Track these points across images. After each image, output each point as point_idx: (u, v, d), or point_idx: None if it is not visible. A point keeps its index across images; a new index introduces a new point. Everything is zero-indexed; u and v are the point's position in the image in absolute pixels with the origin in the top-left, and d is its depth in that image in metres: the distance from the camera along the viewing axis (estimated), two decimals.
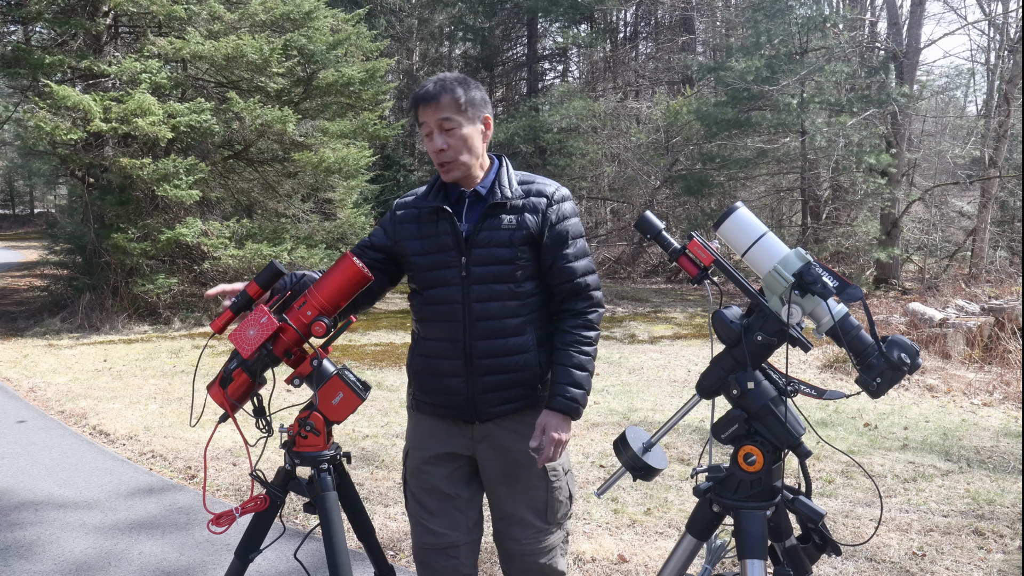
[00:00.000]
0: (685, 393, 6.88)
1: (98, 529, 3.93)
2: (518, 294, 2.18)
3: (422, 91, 2.17)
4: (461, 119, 2.14)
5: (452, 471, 2.25)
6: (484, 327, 2.16)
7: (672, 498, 4.27)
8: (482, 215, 2.16)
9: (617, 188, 19.86)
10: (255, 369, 2.08)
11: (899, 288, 14.28)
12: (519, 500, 2.24)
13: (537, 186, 2.23)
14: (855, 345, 1.81)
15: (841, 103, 14.32)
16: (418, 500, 2.27)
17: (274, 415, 2.17)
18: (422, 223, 2.23)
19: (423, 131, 2.19)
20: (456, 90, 2.15)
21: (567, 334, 2.20)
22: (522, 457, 2.21)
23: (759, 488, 1.85)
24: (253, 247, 10.18)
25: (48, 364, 8.26)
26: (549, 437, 2.12)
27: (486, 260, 2.15)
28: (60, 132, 9.30)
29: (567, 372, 2.17)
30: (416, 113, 2.19)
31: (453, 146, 2.14)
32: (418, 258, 2.22)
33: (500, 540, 2.30)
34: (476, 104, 2.18)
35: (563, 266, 2.20)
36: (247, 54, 9.89)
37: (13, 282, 16.07)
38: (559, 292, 2.23)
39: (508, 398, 2.20)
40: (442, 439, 2.25)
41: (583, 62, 25.06)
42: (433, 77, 2.20)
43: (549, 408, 2.16)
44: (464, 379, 2.18)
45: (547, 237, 2.18)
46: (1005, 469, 4.80)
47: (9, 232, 34.33)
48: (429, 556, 2.26)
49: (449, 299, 2.18)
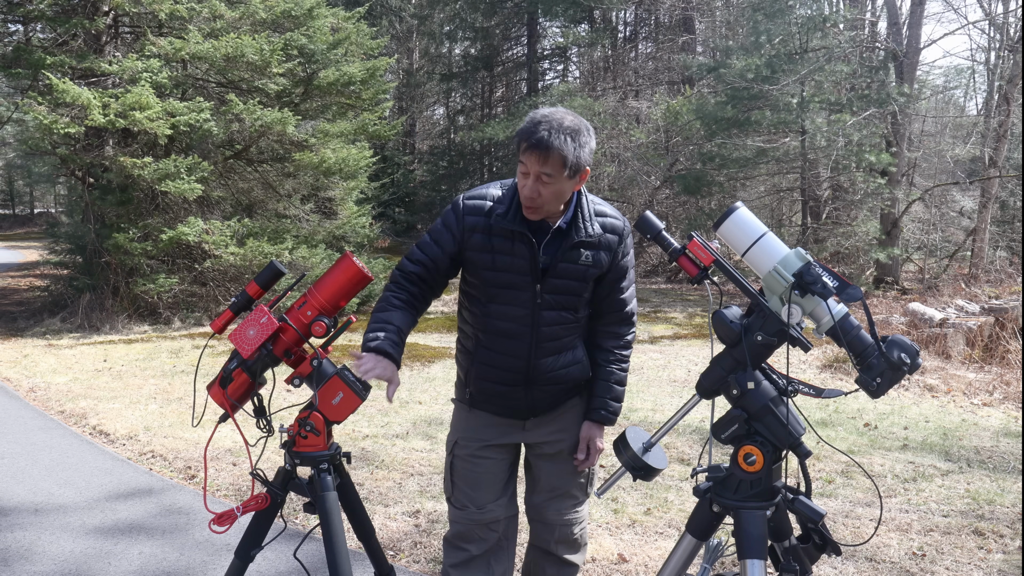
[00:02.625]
0: (685, 393, 6.88)
1: (98, 529, 3.93)
2: (578, 319, 2.35)
3: (536, 136, 2.06)
4: (559, 175, 2.10)
5: (501, 456, 2.41)
6: (548, 347, 2.30)
7: (672, 498, 4.27)
8: (564, 248, 2.23)
9: (617, 188, 19.85)
10: (255, 369, 2.09)
11: (899, 288, 14.27)
12: (566, 474, 2.43)
13: (610, 221, 2.30)
14: (855, 345, 1.81)
15: (841, 102, 14.32)
16: (468, 483, 2.39)
17: (274, 415, 2.17)
18: (494, 237, 2.23)
19: (521, 168, 2.13)
20: (567, 147, 2.06)
21: (611, 353, 2.40)
22: (569, 436, 2.42)
23: (759, 488, 1.85)
24: (255, 245, 10.17)
25: (48, 364, 8.26)
26: (594, 446, 2.40)
27: (559, 290, 2.26)
28: (59, 127, 9.28)
29: (609, 387, 2.39)
30: (520, 147, 2.12)
31: (545, 196, 2.13)
32: (489, 273, 2.25)
33: (540, 513, 2.47)
34: (581, 164, 2.12)
35: (618, 297, 2.37)
36: (247, 54, 9.88)
37: (13, 282, 16.06)
38: (609, 317, 2.40)
39: (560, 399, 2.40)
40: (497, 431, 2.40)
41: (583, 62, 25.05)
42: (548, 117, 2.08)
43: (592, 420, 2.40)
44: (523, 388, 2.32)
45: (612, 271, 2.32)
46: (1005, 469, 4.80)
47: (9, 232, 34.32)
48: (473, 531, 2.38)
49: (519, 319, 2.27)
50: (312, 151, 11.09)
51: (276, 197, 12.08)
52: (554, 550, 2.48)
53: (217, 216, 11.27)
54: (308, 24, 10.81)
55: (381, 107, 12.96)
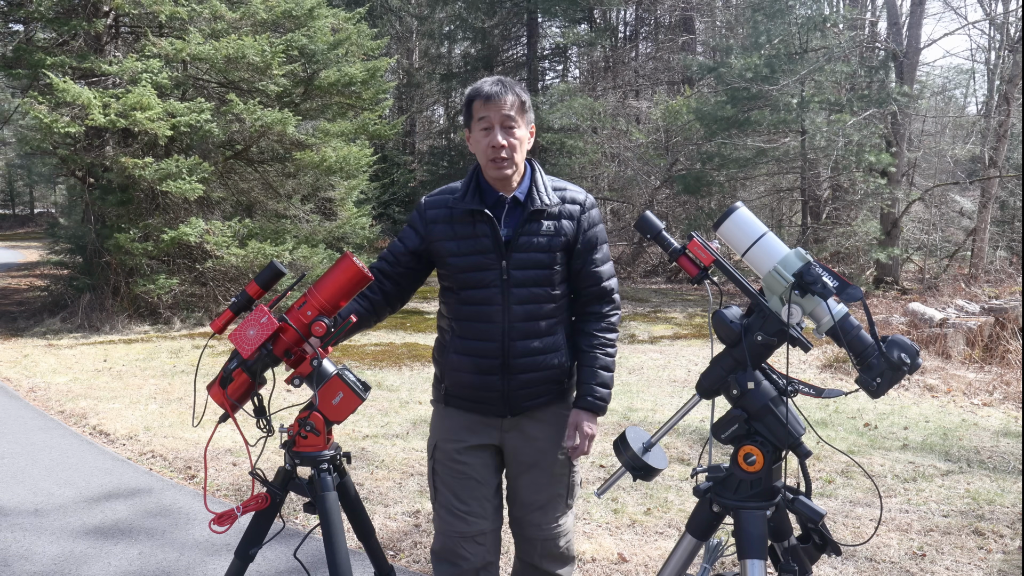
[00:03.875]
0: (685, 393, 6.88)
1: (98, 529, 3.93)
2: (553, 297, 2.29)
3: (488, 87, 2.22)
4: (521, 121, 2.24)
5: (483, 460, 2.34)
6: (522, 328, 2.25)
7: (672, 498, 4.27)
8: (522, 220, 2.24)
9: (617, 188, 19.86)
10: (255, 369, 2.08)
11: (899, 288, 14.27)
12: (544, 486, 2.35)
13: (570, 193, 2.32)
14: (855, 345, 1.81)
15: (841, 102, 14.31)
16: (451, 489, 2.32)
17: (274, 415, 2.17)
18: (456, 223, 2.27)
19: (480, 125, 2.23)
20: (519, 89, 2.24)
21: (593, 336, 2.33)
22: (549, 445, 2.34)
23: (759, 488, 1.85)
24: (256, 246, 10.17)
25: (48, 364, 8.26)
26: (583, 432, 2.28)
27: (526, 264, 2.24)
28: (59, 126, 9.28)
29: (594, 373, 2.31)
30: (472, 109, 2.25)
31: (511, 145, 2.21)
32: (455, 259, 2.26)
33: (521, 527, 2.40)
34: (529, 110, 2.27)
35: (591, 270, 2.33)
36: (248, 55, 9.88)
37: (13, 282, 16.06)
38: (585, 295, 2.35)
39: (539, 393, 2.32)
40: (473, 431, 2.34)
41: (583, 62, 25.06)
42: (488, 79, 2.26)
43: (579, 407, 2.30)
44: (500, 377, 2.27)
45: (580, 243, 2.30)
46: (1005, 469, 4.80)
47: (9, 232, 34.32)
48: (459, 544, 2.31)
49: (489, 300, 2.24)
50: (313, 150, 11.09)
51: (276, 197, 12.08)
52: (540, 564, 2.40)
53: (217, 216, 11.26)
54: (309, 24, 10.81)
55: (381, 107, 12.96)
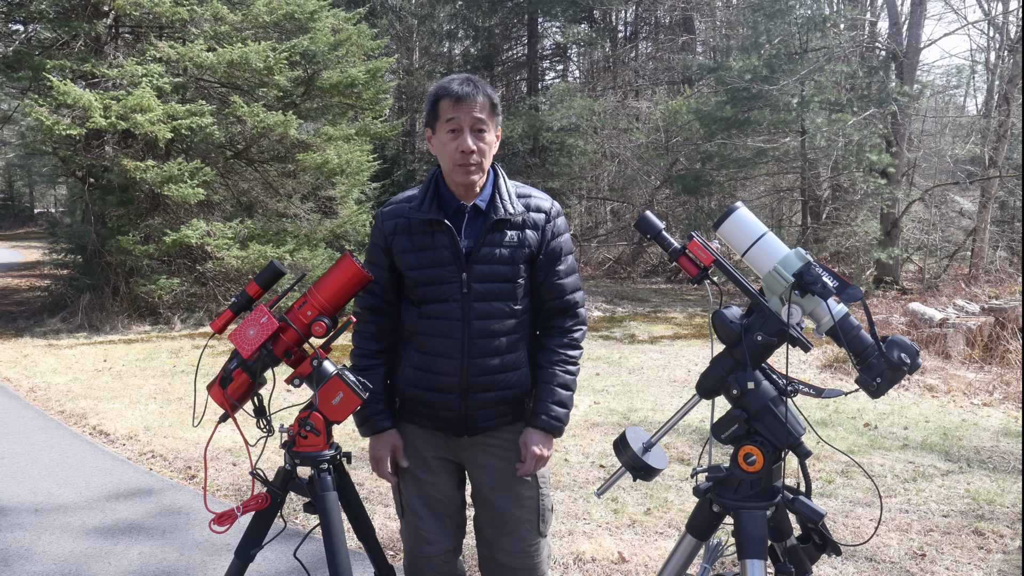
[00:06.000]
0: (685, 393, 6.87)
1: (98, 529, 3.93)
2: (515, 311, 2.17)
3: (457, 87, 2.06)
4: (491, 124, 2.10)
5: (446, 476, 2.27)
6: (482, 345, 2.14)
7: (672, 498, 4.27)
8: (484, 231, 2.11)
9: (617, 188, 19.85)
10: (255, 369, 2.08)
11: (899, 288, 14.26)
12: (510, 511, 2.24)
13: (535, 200, 2.20)
14: (855, 345, 1.81)
15: (841, 103, 14.31)
16: (413, 508, 2.27)
17: (274, 415, 2.17)
18: (414, 235, 2.14)
19: (448, 126, 2.07)
20: (489, 89, 2.10)
21: (554, 353, 2.21)
22: (510, 466, 2.24)
23: (759, 488, 1.85)
24: (257, 248, 10.18)
25: (48, 364, 8.26)
26: (531, 452, 2.18)
27: (488, 277, 2.12)
28: (60, 128, 9.28)
29: (551, 391, 2.19)
30: (438, 109, 2.09)
31: (481, 150, 2.08)
32: (414, 272, 2.15)
33: (490, 551, 2.28)
34: (499, 112, 2.14)
35: (554, 283, 2.20)
36: (252, 61, 9.88)
37: (13, 282, 16.06)
38: (548, 308, 2.23)
39: (498, 413, 2.21)
40: (432, 445, 2.26)
41: (583, 61, 25.07)
42: (456, 76, 2.10)
43: (533, 426, 2.20)
44: (458, 396, 2.17)
45: (543, 253, 2.17)
46: (1005, 469, 4.80)
47: (9, 232, 34.31)
48: (424, 564, 2.27)
49: (448, 315, 2.13)
50: (315, 150, 11.08)
51: (276, 197, 12.07)
52: None
53: (218, 217, 11.26)
54: (310, 26, 10.80)
55: (381, 106, 12.95)
